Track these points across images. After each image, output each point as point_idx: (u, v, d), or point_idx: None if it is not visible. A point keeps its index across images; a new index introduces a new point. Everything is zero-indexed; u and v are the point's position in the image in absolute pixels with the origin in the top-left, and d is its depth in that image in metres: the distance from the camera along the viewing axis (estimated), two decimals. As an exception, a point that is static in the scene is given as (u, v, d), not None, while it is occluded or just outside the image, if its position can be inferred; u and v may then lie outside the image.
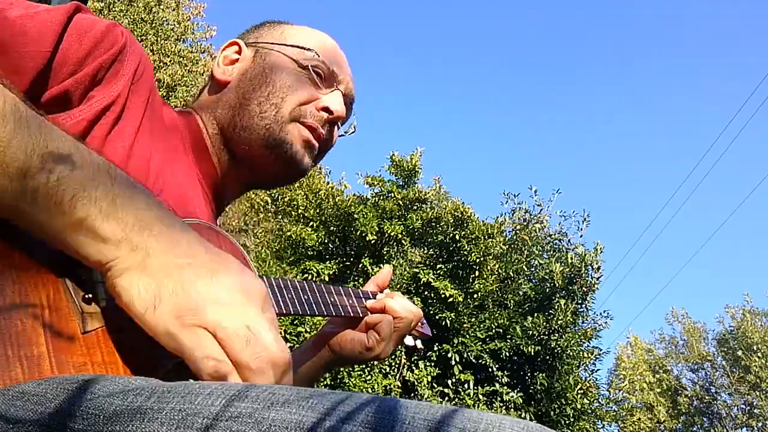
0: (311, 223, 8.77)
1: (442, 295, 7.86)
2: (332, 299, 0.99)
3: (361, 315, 1.04)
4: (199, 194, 0.91)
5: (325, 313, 0.96)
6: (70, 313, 0.58)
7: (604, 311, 10.18)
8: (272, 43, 1.01)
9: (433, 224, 8.65)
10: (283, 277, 0.90)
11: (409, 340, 1.14)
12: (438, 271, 8.28)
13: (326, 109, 0.97)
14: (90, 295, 0.60)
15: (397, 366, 8.14)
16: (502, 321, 8.24)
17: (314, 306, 0.94)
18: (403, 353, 8.23)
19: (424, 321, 1.16)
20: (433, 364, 8.02)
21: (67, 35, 0.70)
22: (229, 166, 0.98)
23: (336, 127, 1.03)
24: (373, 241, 8.23)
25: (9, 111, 0.54)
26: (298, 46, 0.99)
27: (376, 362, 7.79)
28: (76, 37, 0.70)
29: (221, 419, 0.46)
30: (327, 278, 7.91)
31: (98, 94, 0.72)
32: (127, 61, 0.75)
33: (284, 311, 0.87)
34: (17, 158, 0.53)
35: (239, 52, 1.02)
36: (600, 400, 8.97)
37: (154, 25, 11.41)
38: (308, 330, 7.13)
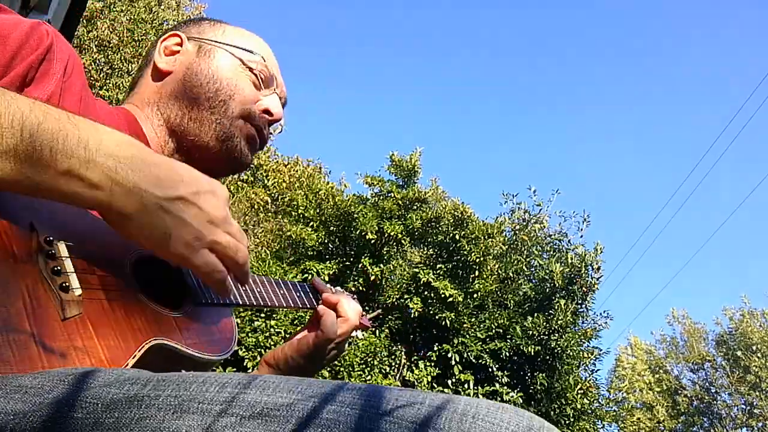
0: (311, 223, 8.78)
1: (442, 295, 7.87)
2: (281, 292, 1.06)
3: (308, 306, 1.10)
4: None
5: (276, 305, 1.03)
6: (49, 301, 0.62)
7: (604, 311, 10.21)
8: (217, 41, 1.03)
9: (433, 224, 8.66)
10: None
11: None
12: (438, 271, 8.30)
13: (267, 111, 1.04)
14: (66, 284, 0.63)
15: (397, 366, 8.15)
16: (502, 321, 8.26)
17: (266, 297, 1.01)
18: (403, 353, 8.24)
19: (364, 313, 1.23)
20: (433, 364, 8.03)
21: None
22: (171, 157, 1.01)
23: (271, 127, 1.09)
24: (373, 241, 8.25)
25: None
26: (243, 48, 1.03)
27: (376, 362, 7.80)
28: None
29: (215, 404, 0.48)
30: (327, 278, 7.92)
31: (30, 95, 0.71)
32: (56, 60, 0.76)
33: (241, 302, 0.93)
34: None
35: (180, 44, 1.03)
36: (600, 400, 8.99)
37: (154, 25, 11.42)
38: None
